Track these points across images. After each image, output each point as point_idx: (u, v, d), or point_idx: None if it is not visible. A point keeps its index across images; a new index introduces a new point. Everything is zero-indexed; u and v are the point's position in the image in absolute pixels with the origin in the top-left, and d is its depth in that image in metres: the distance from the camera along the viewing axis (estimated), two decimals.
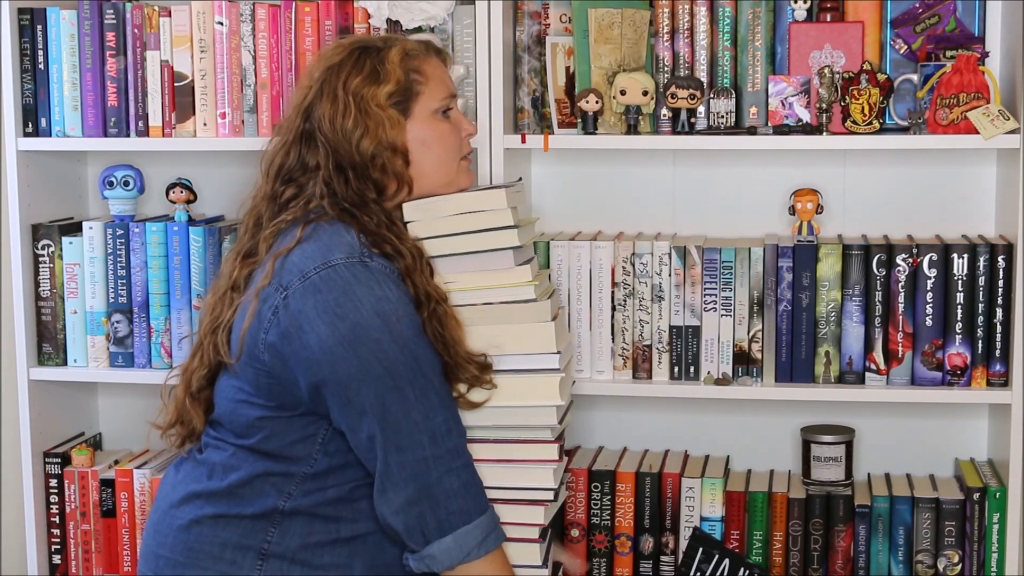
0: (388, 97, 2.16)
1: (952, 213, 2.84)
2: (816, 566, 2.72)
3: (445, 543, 2.05)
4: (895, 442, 2.90)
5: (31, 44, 2.87)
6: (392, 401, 2.02)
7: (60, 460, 2.96)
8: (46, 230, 2.92)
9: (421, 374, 2.04)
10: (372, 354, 2.02)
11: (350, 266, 2.05)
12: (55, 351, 2.94)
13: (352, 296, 2.03)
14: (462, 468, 2.06)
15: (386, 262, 2.10)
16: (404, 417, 2.03)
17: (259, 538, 2.10)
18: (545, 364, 2.22)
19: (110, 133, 2.87)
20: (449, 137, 2.23)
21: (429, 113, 2.21)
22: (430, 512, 2.04)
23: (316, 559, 2.09)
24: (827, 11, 2.73)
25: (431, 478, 2.03)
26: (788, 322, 2.68)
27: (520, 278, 2.23)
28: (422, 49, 2.25)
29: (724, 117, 2.71)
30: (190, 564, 2.12)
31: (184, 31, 2.82)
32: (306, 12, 2.78)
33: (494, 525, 2.09)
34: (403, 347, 2.03)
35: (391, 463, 2.03)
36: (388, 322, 2.03)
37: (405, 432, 2.03)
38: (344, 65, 2.18)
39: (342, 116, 2.15)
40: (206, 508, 2.13)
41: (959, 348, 2.64)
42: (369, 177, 2.16)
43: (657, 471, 2.78)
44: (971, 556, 2.67)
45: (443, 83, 2.24)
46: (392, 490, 2.04)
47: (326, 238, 2.10)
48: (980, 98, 2.60)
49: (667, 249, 2.71)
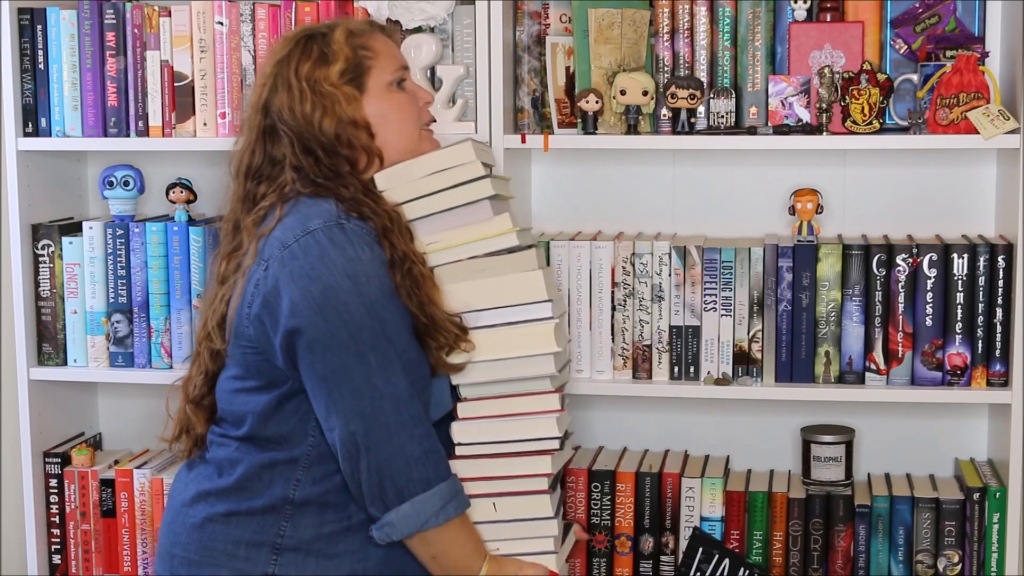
0: (340, 75, 2.18)
1: (952, 213, 2.84)
2: (816, 566, 2.72)
3: (403, 510, 2.05)
4: (895, 442, 2.90)
5: (31, 44, 2.87)
6: (355, 367, 2.03)
7: (60, 460, 2.96)
8: (46, 230, 2.92)
9: (385, 338, 2.05)
10: (339, 317, 2.03)
11: (327, 229, 2.08)
12: (55, 351, 2.94)
13: (326, 259, 2.05)
14: (424, 435, 2.06)
15: (363, 223, 2.11)
16: (366, 383, 2.04)
17: (272, 533, 2.11)
18: (538, 313, 2.19)
19: (110, 133, 2.87)
20: (407, 107, 2.25)
21: (383, 86, 2.22)
22: (389, 479, 2.05)
23: (331, 549, 2.11)
24: (827, 11, 2.73)
25: (393, 445, 2.04)
26: (788, 322, 2.68)
27: (501, 227, 2.22)
28: (366, 27, 2.28)
29: (724, 117, 2.71)
30: (205, 563, 2.13)
31: (184, 31, 2.82)
32: (306, 12, 2.78)
33: (455, 493, 2.09)
34: (370, 309, 2.04)
35: (355, 430, 2.04)
36: (358, 283, 2.04)
37: (368, 398, 2.04)
38: (292, 55, 2.21)
39: (299, 102, 2.17)
40: (218, 506, 2.14)
41: (959, 348, 2.64)
42: (339, 154, 2.18)
43: (657, 471, 2.78)
44: (971, 556, 2.67)
45: (393, 56, 2.26)
46: (354, 458, 2.05)
47: (304, 209, 2.13)
48: (980, 98, 2.60)
49: (667, 249, 2.71)
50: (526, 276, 2.19)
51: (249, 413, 2.14)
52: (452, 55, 2.78)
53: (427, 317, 2.11)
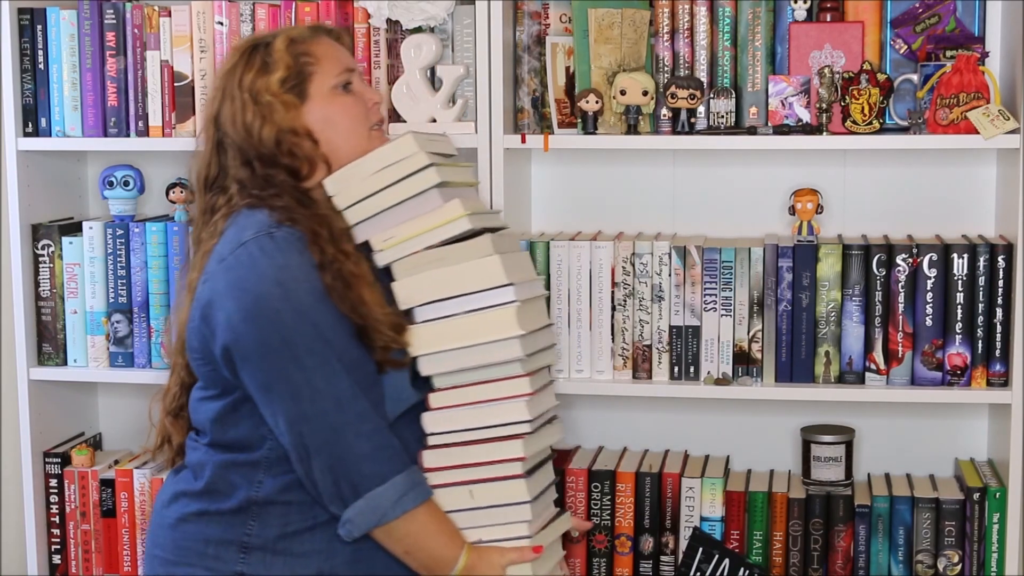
0: (280, 83, 2.19)
1: (952, 213, 2.84)
2: (816, 566, 2.72)
3: (359, 506, 2.07)
4: (895, 442, 2.90)
5: (31, 44, 2.87)
6: (293, 371, 2.05)
7: (60, 460, 2.96)
8: (46, 230, 2.92)
9: (321, 340, 2.06)
10: (271, 325, 2.05)
11: (257, 240, 2.10)
12: (55, 351, 2.94)
13: (256, 269, 2.08)
14: (372, 431, 2.07)
15: (293, 230, 2.12)
16: (306, 385, 2.05)
17: (239, 532, 2.14)
18: (500, 298, 2.16)
19: (110, 133, 2.87)
20: (352, 109, 2.24)
21: (327, 90, 2.22)
22: (343, 477, 2.07)
23: (297, 547, 2.13)
24: (827, 11, 2.73)
25: (341, 444, 2.06)
26: (788, 322, 2.68)
27: (451, 213, 2.18)
28: (309, 33, 2.27)
29: (724, 117, 2.71)
30: (179, 562, 2.18)
31: (184, 31, 2.82)
32: (306, 12, 2.78)
33: (412, 485, 2.10)
34: (301, 315, 2.05)
35: (302, 433, 2.07)
36: (287, 290, 2.06)
37: (308, 401, 2.05)
38: (237, 66, 2.23)
39: (241, 113, 2.19)
40: (191, 506, 2.18)
41: (959, 348, 2.64)
42: (279, 164, 2.18)
43: (657, 471, 2.78)
44: (971, 556, 2.67)
45: (336, 60, 2.25)
46: (305, 460, 2.08)
47: (241, 221, 2.15)
48: (980, 98, 2.60)
49: (667, 249, 2.71)
50: (483, 262, 2.16)
51: (208, 420, 2.19)
52: (452, 55, 2.78)
53: (361, 318, 2.10)
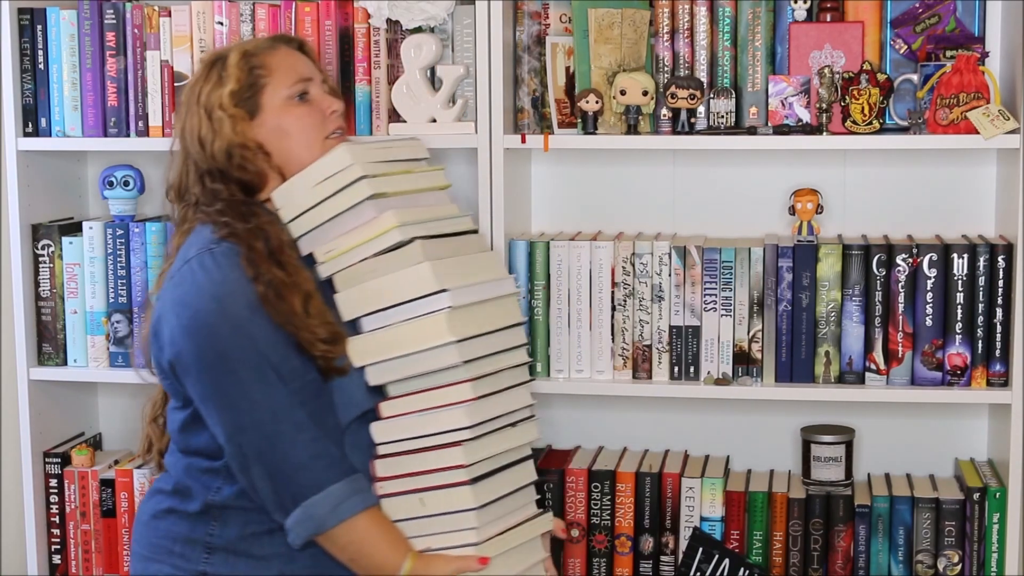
0: (231, 96, 2.22)
1: (952, 213, 2.84)
2: (816, 566, 2.72)
3: (296, 515, 2.09)
4: (895, 442, 2.90)
5: (31, 44, 2.87)
6: (229, 384, 2.09)
7: (60, 460, 2.96)
8: (46, 230, 2.92)
9: (255, 352, 2.09)
10: (207, 340, 2.09)
11: (199, 256, 2.15)
12: (55, 351, 2.94)
13: (196, 284, 2.12)
14: (309, 440, 2.09)
15: (231, 245, 2.15)
16: (243, 397, 2.09)
17: (203, 532, 2.19)
18: (436, 305, 2.15)
19: (110, 133, 2.87)
20: (306, 119, 2.25)
21: (281, 101, 2.24)
22: (282, 486, 2.10)
23: (258, 550, 2.18)
24: (827, 11, 2.73)
25: (277, 454, 2.09)
26: (788, 322, 2.68)
27: (384, 225, 2.18)
28: (266, 44, 2.30)
29: (724, 117, 2.71)
30: (151, 558, 2.24)
31: (184, 31, 2.82)
32: (306, 12, 2.78)
33: (351, 493, 2.11)
34: (236, 328, 2.09)
35: (241, 443, 2.10)
36: (223, 305, 2.10)
37: (245, 412, 2.09)
38: (199, 81, 2.28)
39: (197, 127, 2.24)
40: (163, 503, 2.25)
41: (959, 348, 2.64)
42: (231, 177, 2.22)
43: (657, 471, 2.78)
44: (971, 556, 2.67)
45: (290, 70, 2.27)
46: (246, 470, 2.11)
47: (191, 238, 2.22)
48: (980, 98, 2.60)
49: (667, 249, 2.71)
50: (414, 270, 2.16)
51: (175, 430, 2.25)
52: (452, 55, 2.78)
53: (294, 329, 2.12)
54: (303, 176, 2.22)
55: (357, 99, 2.78)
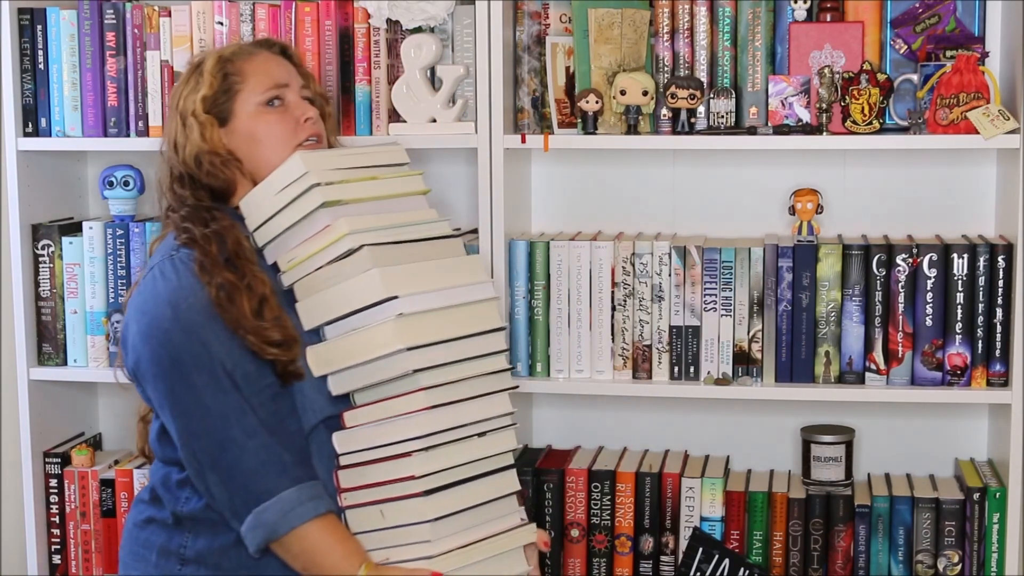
0: (203, 102, 2.22)
1: (952, 213, 2.84)
2: (816, 566, 2.72)
3: (249, 521, 2.08)
4: (895, 442, 2.90)
5: (31, 44, 2.87)
6: (183, 390, 2.09)
7: (60, 460, 2.96)
8: (46, 230, 2.92)
9: (208, 357, 2.08)
10: (161, 346, 2.10)
11: (160, 264, 2.16)
12: (55, 351, 2.94)
13: (155, 291, 2.14)
14: (260, 447, 2.08)
15: (190, 251, 2.16)
16: (195, 403, 2.08)
17: (177, 543, 2.20)
18: (389, 312, 2.10)
19: (110, 133, 2.87)
20: (277, 126, 2.24)
21: (253, 107, 2.24)
22: (236, 493, 2.09)
23: (226, 562, 2.17)
24: (827, 11, 2.73)
25: (228, 459, 2.08)
26: (788, 322, 2.68)
27: (336, 233, 2.14)
28: (246, 49, 2.31)
29: (724, 117, 2.71)
30: (131, 564, 2.27)
31: (184, 31, 2.82)
32: (306, 12, 2.78)
33: (302, 500, 2.08)
34: (190, 333, 2.09)
35: (195, 449, 2.10)
36: (178, 310, 2.10)
37: (197, 418, 2.09)
38: (181, 86, 2.28)
39: (174, 132, 2.25)
40: (144, 512, 2.26)
41: (959, 348, 2.64)
42: (200, 184, 2.23)
43: (657, 471, 2.78)
44: (971, 556, 2.67)
45: (265, 75, 2.26)
46: (202, 476, 2.11)
47: (159, 246, 2.24)
48: (980, 98, 2.60)
49: (667, 249, 2.71)
50: (364, 278, 2.12)
51: (151, 440, 2.27)
52: (452, 55, 2.78)
53: (243, 332, 2.10)
54: (264, 185, 2.21)
55: (357, 99, 2.78)
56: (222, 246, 2.15)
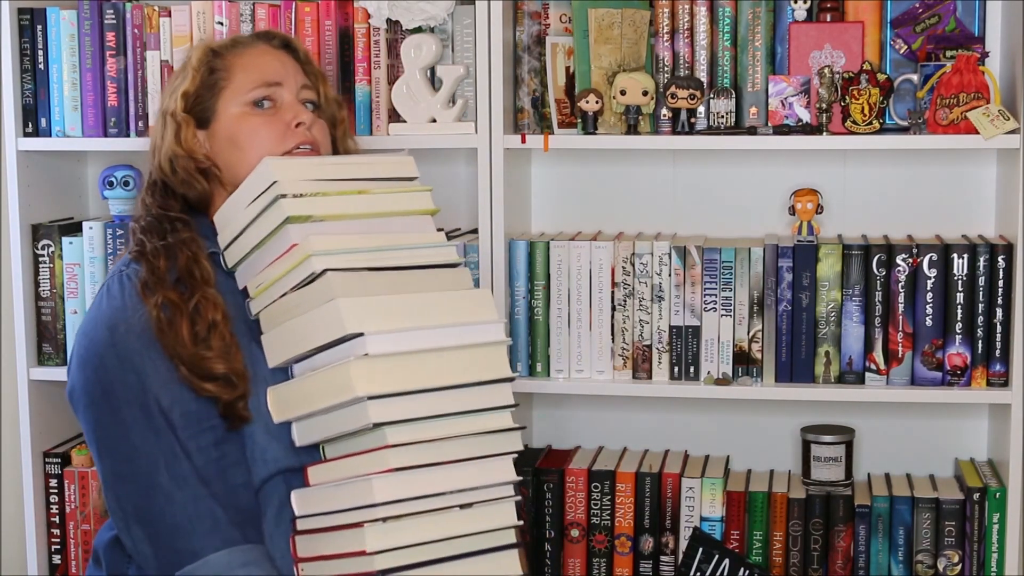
0: (184, 99, 1.98)
1: (952, 213, 2.84)
2: (816, 566, 2.72)
3: None
4: (895, 442, 2.90)
5: (31, 44, 2.87)
6: (111, 425, 1.84)
7: (60, 460, 2.96)
8: (46, 230, 2.92)
9: (142, 390, 1.83)
10: (95, 372, 1.86)
11: (110, 280, 1.94)
12: (55, 351, 2.94)
13: (99, 311, 1.91)
14: (190, 499, 1.80)
15: (138, 267, 1.92)
16: (123, 441, 1.83)
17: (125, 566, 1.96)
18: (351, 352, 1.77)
19: (110, 133, 2.87)
20: (261, 131, 1.97)
21: (238, 108, 1.98)
22: (162, 551, 1.82)
23: None
24: (827, 11, 2.73)
25: (155, 511, 1.81)
26: (788, 322, 2.68)
27: (300, 255, 1.82)
28: (240, 41, 2.06)
29: (724, 117, 2.71)
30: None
31: (184, 31, 2.82)
32: (306, 12, 2.78)
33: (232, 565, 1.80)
34: (124, 361, 1.84)
35: (119, 495, 1.85)
36: (115, 334, 1.86)
37: (124, 460, 1.83)
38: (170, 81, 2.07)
39: (155, 132, 2.03)
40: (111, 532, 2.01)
41: (959, 348, 2.64)
42: (174, 192, 1.99)
43: (657, 471, 2.78)
44: (971, 556, 2.67)
45: (255, 71, 2.00)
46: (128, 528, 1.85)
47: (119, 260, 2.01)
48: (980, 98, 2.60)
49: (667, 249, 2.71)
50: (327, 308, 1.77)
51: None
52: (452, 55, 2.78)
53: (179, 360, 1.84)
54: (234, 196, 1.91)
55: (357, 99, 2.78)
56: (172, 261, 1.89)
